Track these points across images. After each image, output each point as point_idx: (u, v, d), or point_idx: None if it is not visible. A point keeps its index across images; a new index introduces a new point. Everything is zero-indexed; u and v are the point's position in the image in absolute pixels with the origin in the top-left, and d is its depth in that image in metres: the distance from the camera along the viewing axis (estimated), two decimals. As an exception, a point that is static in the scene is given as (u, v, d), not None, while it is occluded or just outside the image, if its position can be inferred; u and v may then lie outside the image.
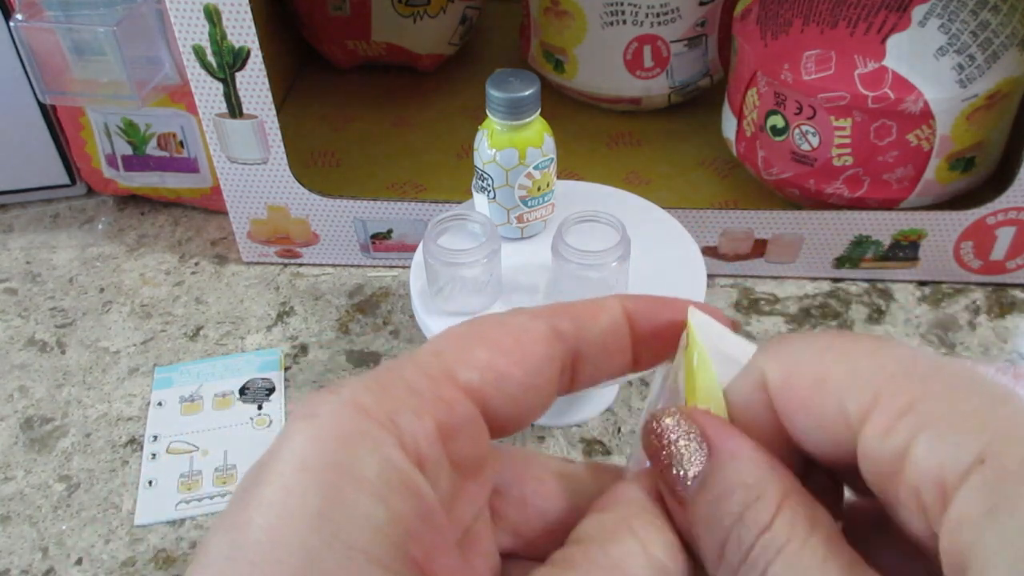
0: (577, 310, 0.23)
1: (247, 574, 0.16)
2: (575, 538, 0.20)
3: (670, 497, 0.21)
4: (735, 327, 0.23)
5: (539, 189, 0.48)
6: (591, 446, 0.50)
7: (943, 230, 0.57)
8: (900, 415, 0.18)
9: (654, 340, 0.23)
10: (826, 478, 0.22)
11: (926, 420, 0.17)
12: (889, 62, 0.51)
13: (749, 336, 0.56)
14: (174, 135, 0.63)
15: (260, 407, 0.53)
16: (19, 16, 0.55)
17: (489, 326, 0.22)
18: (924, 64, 0.51)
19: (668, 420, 0.21)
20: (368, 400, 0.19)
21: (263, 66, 0.52)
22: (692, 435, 0.21)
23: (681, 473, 0.20)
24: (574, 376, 0.23)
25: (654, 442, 0.21)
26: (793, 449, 0.21)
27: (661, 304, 0.23)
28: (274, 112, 0.54)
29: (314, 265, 0.62)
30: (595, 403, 0.52)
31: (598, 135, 0.70)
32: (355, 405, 0.18)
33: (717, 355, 0.22)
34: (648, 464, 0.22)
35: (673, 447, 0.21)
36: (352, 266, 0.62)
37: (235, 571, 0.17)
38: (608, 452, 0.49)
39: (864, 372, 0.19)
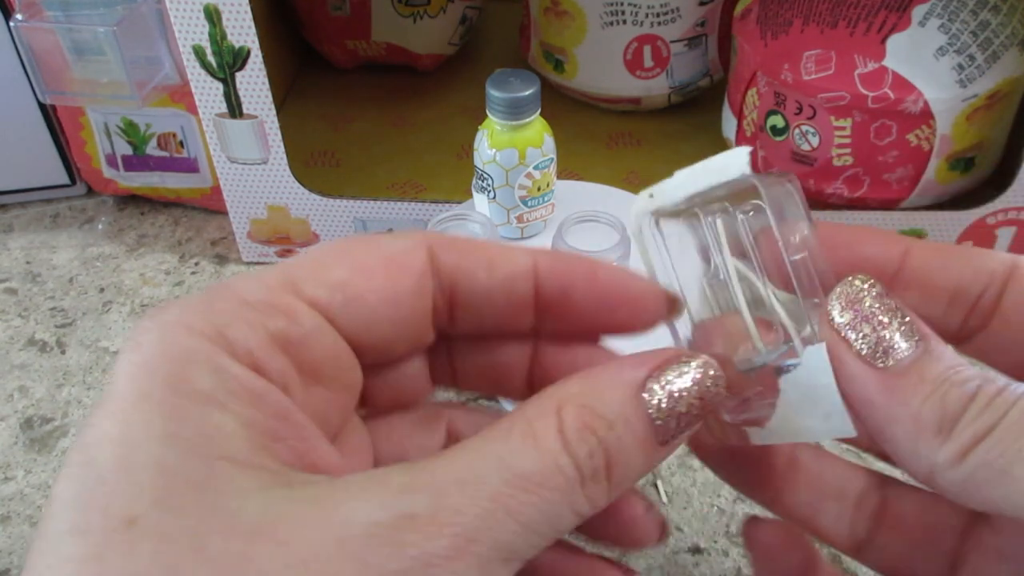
0: (472, 250, 0.21)
1: (107, 506, 0.16)
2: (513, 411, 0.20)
3: (872, 365, 0.20)
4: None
5: (539, 189, 0.48)
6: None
7: (943, 230, 0.57)
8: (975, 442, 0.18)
9: (562, 308, 0.22)
10: None
11: None
12: (889, 62, 0.51)
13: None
14: (174, 135, 0.63)
15: (260, 407, 0.53)
16: (19, 16, 0.55)
17: (358, 245, 0.21)
18: (924, 64, 0.51)
19: (875, 288, 0.21)
20: (193, 318, 0.18)
21: (263, 66, 0.52)
22: (905, 316, 0.20)
23: (901, 337, 0.20)
24: (452, 319, 0.22)
25: (863, 315, 0.20)
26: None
27: (582, 269, 0.22)
28: (274, 112, 0.54)
29: (314, 265, 0.62)
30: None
31: (598, 135, 0.70)
32: (180, 324, 0.18)
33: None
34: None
35: (894, 321, 0.20)
36: (352, 266, 0.62)
37: (95, 505, 0.16)
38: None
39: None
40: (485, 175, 0.47)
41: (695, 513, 0.46)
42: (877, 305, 0.20)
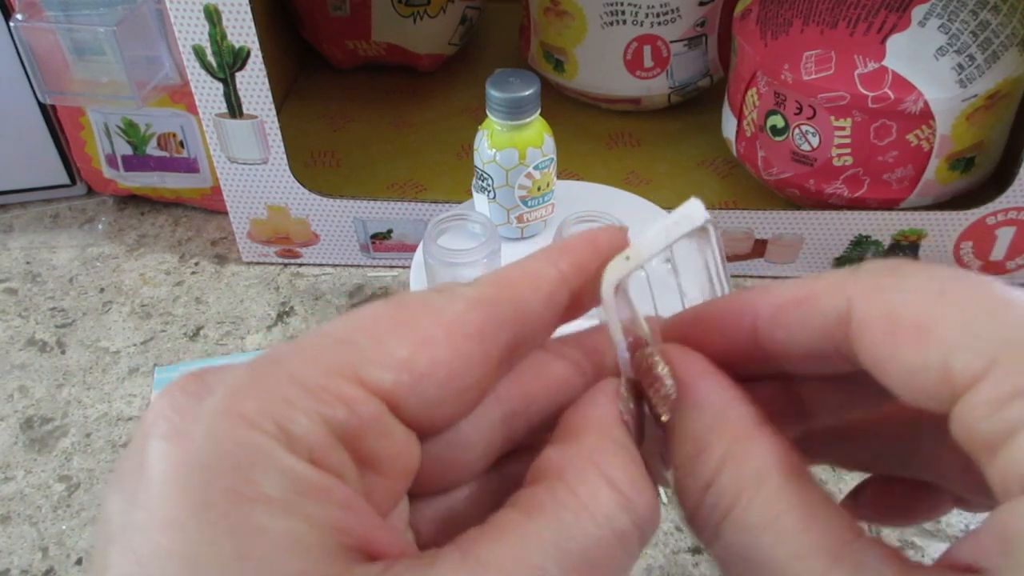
0: (514, 284, 0.21)
1: None
2: (538, 474, 0.19)
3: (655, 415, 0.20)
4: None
5: (539, 189, 0.48)
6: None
7: (943, 230, 0.57)
8: (1015, 395, 0.17)
9: (586, 294, 0.22)
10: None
11: None
12: (889, 62, 0.51)
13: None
14: (174, 135, 0.63)
15: (260, 407, 0.53)
16: (19, 16, 0.55)
17: (416, 312, 0.19)
18: (924, 64, 0.51)
19: (649, 351, 0.21)
20: (247, 405, 0.16)
21: (263, 66, 0.52)
22: (667, 371, 0.20)
23: (659, 411, 0.20)
24: (510, 365, 0.21)
25: (642, 367, 0.21)
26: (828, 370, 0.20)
27: (589, 252, 0.22)
28: (274, 112, 0.54)
29: (314, 265, 0.62)
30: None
31: (598, 135, 0.70)
32: (234, 415, 0.16)
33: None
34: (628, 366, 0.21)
35: (656, 381, 0.20)
36: (352, 266, 0.62)
37: None
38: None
39: (981, 332, 0.17)
40: (485, 175, 0.47)
41: (695, 513, 0.46)
42: (645, 362, 0.21)
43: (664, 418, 0.20)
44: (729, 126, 0.61)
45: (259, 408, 0.16)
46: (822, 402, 0.23)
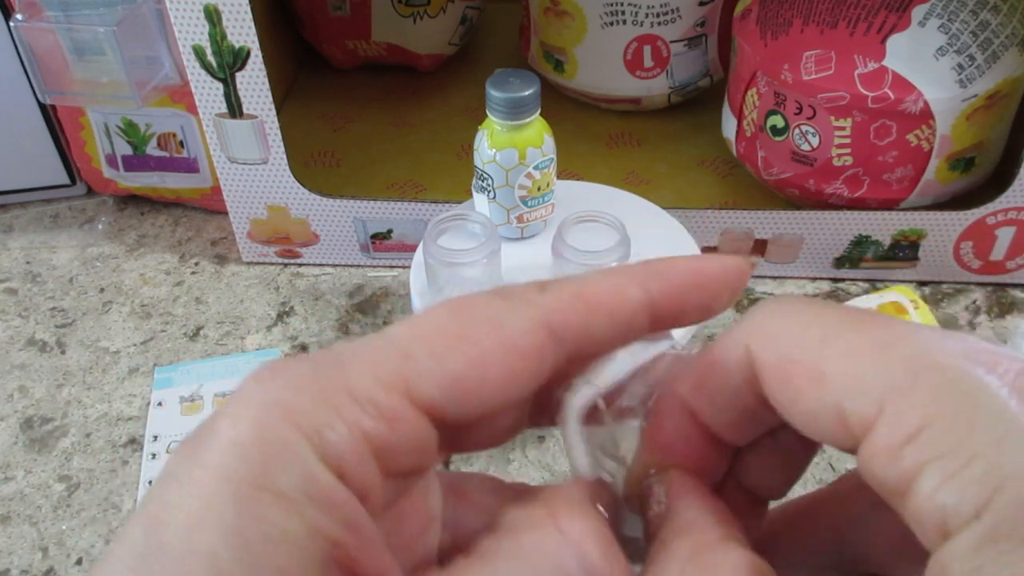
0: (591, 303, 0.20)
1: (155, 574, 0.16)
2: (493, 527, 0.19)
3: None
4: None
5: (539, 189, 0.48)
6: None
7: (943, 230, 0.57)
8: (907, 440, 0.17)
9: (668, 320, 0.21)
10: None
11: (933, 453, 0.16)
12: (889, 62, 0.51)
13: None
14: (174, 135, 0.63)
15: (260, 407, 0.53)
16: (19, 16, 0.55)
17: (478, 324, 0.19)
18: (924, 64, 0.51)
19: (648, 482, 0.21)
20: (299, 405, 0.18)
21: (263, 66, 0.52)
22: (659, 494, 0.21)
23: (651, 529, 0.21)
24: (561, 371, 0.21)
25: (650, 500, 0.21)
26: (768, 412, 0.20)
27: (689, 282, 0.21)
28: (274, 112, 0.54)
29: (314, 265, 0.62)
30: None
31: (598, 135, 0.70)
32: (283, 410, 0.18)
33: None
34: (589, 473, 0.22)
35: (652, 501, 0.21)
36: (352, 266, 0.62)
37: (145, 570, 0.17)
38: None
39: (869, 376, 0.17)
40: (485, 175, 0.47)
41: (695, 513, 0.46)
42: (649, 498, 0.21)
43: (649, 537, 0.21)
44: (729, 126, 0.61)
45: (305, 408, 0.18)
46: (769, 476, 0.23)
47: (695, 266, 0.21)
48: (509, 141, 0.46)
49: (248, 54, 0.51)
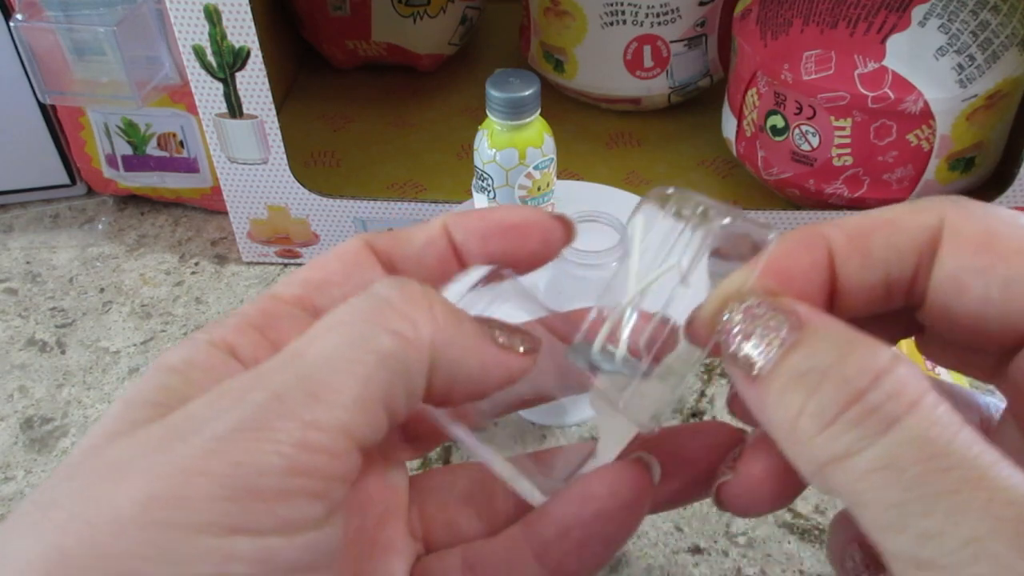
0: (395, 233, 0.25)
1: (85, 439, 0.20)
2: None
3: (742, 377, 0.19)
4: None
5: (539, 189, 0.48)
6: (591, 446, 0.50)
7: (943, 230, 0.56)
8: None
9: (479, 242, 0.24)
10: None
11: None
12: (889, 62, 0.51)
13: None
14: (174, 135, 0.63)
15: (260, 407, 0.53)
16: (19, 16, 0.55)
17: (318, 258, 0.24)
18: (924, 64, 0.51)
19: (752, 300, 0.20)
20: (216, 334, 0.22)
21: (263, 66, 0.52)
22: (778, 313, 0.19)
23: (767, 342, 0.19)
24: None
25: (732, 322, 0.20)
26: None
27: (489, 217, 0.24)
28: (274, 112, 0.54)
29: (314, 265, 0.62)
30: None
31: (598, 135, 0.70)
32: (208, 341, 0.22)
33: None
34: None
35: (760, 322, 0.19)
36: (352, 266, 0.62)
37: (76, 448, 0.20)
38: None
39: None
40: (485, 175, 0.47)
41: (695, 513, 0.46)
42: (739, 316, 0.20)
43: (780, 340, 0.19)
44: (729, 126, 0.61)
45: (220, 335, 0.22)
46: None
47: (500, 215, 0.24)
48: (509, 141, 0.46)
49: (248, 54, 0.51)
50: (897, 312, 0.21)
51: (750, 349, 0.19)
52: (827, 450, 0.17)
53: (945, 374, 0.49)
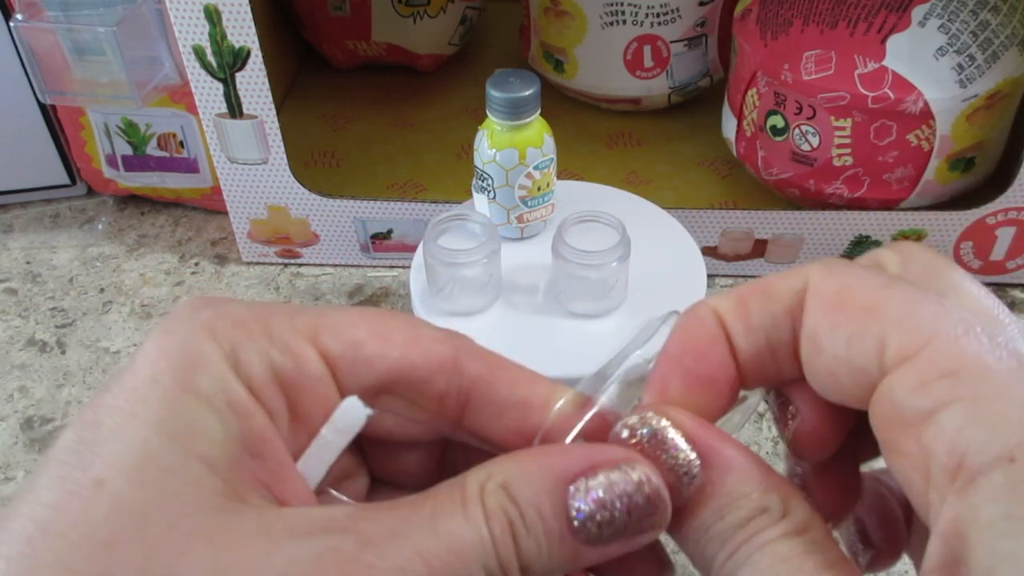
0: (497, 366, 0.23)
1: (89, 463, 0.18)
2: (435, 489, 0.20)
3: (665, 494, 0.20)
4: None
5: (539, 189, 0.48)
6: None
7: (943, 230, 0.57)
8: (942, 375, 0.17)
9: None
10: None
11: (968, 392, 0.17)
12: (889, 62, 0.51)
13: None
14: (174, 135, 0.63)
15: (260, 407, 0.53)
16: (19, 16, 0.55)
17: (397, 319, 0.22)
18: (924, 64, 0.51)
19: (651, 420, 0.20)
20: (221, 326, 0.20)
21: (263, 66, 0.52)
22: (679, 442, 0.20)
23: (680, 476, 0.20)
24: (460, 423, 0.23)
25: (638, 447, 0.20)
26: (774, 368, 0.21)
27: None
28: (274, 112, 0.54)
29: (314, 265, 0.62)
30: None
31: (598, 135, 0.70)
32: (208, 330, 0.20)
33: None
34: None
35: (664, 453, 0.20)
36: (352, 266, 0.62)
37: (80, 461, 0.18)
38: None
39: (924, 318, 0.18)
40: (485, 175, 0.47)
41: (695, 513, 0.46)
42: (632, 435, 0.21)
43: (687, 486, 0.20)
44: (729, 126, 0.61)
45: (227, 331, 0.20)
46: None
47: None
48: (509, 141, 0.46)
49: (248, 54, 0.51)
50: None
51: (674, 470, 0.20)
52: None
53: None
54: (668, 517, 0.20)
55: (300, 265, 0.62)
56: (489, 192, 0.48)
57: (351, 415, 0.22)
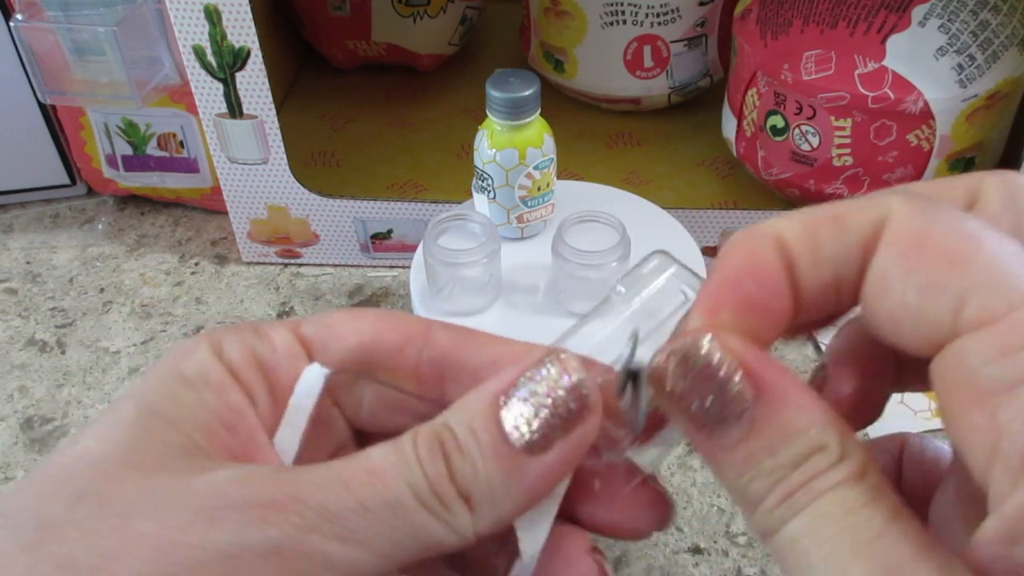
0: (469, 338, 0.24)
1: (76, 437, 0.21)
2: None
3: (701, 438, 0.19)
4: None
5: (539, 189, 0.48)
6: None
7: (943, 230, 0.57)
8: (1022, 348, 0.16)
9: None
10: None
11: None
12: (889, 62, 0.51)
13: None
14: (174, 135, 0.63)
15: (260, 407, 0.53)
16: (19, 16, 0.55)
17: (380, 311, 0.25)
18: (924, 64, 0.51)
19: (705, 345, 0.19)
20: (215, 331, 0.23)
21: (263, 66, 0.52)
22: (732, 370, 0.19)
23: (722, 413, 0.18)
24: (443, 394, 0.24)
25: (678, 373, 0.19)
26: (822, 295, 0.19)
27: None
28: (274, 112, 0.54)
29: (314, 265, 0.62)
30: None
31: (598, 135, 0.70)
32: (204, 334, 0.23)
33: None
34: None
35: (713, 382, 0.19)
36: (352, 266, 0.62)
37: (71, 439, 0.21)
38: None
39: (1015, 279, 0.16)
40: (485, 175, 0.47)
41: (695, 513, 0.46)
42: (691, 379, 0.19)
43: (738, 418, 0.19)
44: (729, 126, 0.61)
45: (219, 331, 0.23)
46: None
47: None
48: (509, 141, 0.46)
49: (248, 54, 0.51)
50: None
51: (716, 406, 0.19)
52: (762, 517, 0.19)
53: None
54: (597, 406, 0.20)
55: (300, 265, 0.62)
56: (489, 192, 0.48)
57: (312, 378, 0.23)
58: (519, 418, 0.20)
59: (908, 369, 0.22)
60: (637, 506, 0.23)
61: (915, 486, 0.23)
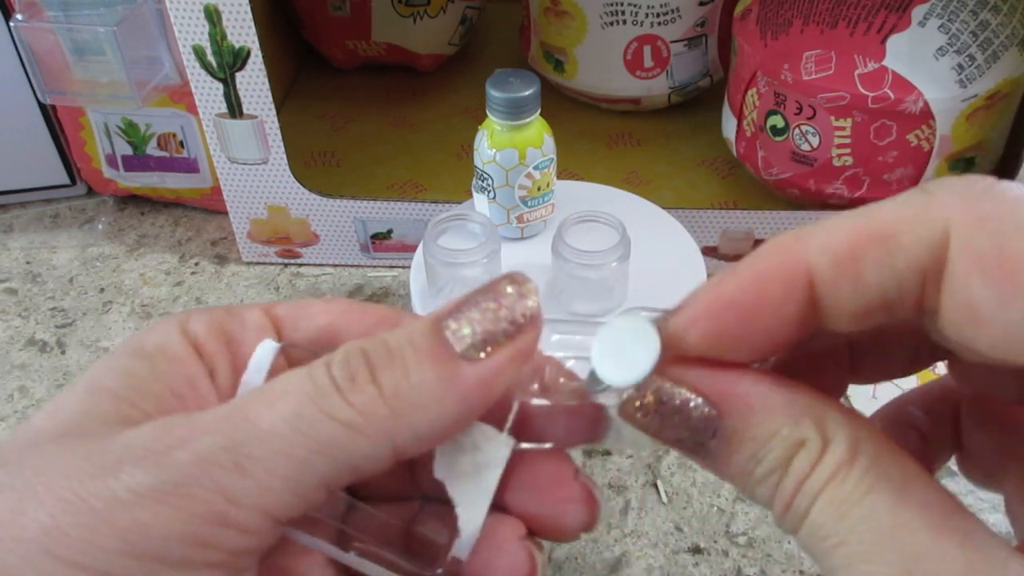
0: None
1: (41, 413, 0.21)
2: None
3: (698, 460, 0.19)
4: None
5: (539, 189, 0.48)
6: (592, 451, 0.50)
7: (943, 230, 0.56)
8: None
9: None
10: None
11: None
12: (889, 62, 0.51)
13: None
14: (174, 135, 0.63)
15: (260, 407, 0.53)
16: (19, 16, 0.55)
17: (344, 299, 0.25)
18: (924, 64, 0.51)
19: (653, 383, 0.19)
20: (188, 312, 0.24)
21: (263, 66, 0.52)
22: (686, 396, 0.19)
23: (697, 436, 0.19)
24: None
25: (643, 413, 0.19)
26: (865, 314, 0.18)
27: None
28: (274, 112, 0.54)
29: (314, 265, 0.62)
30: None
31: (598, 135, 0.70)
32: (176, 315, 0.24)
33: None
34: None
35: (676, 413, 0.19)
36: (352, 266, 0.62)
37: (31, 417, 0.21)
38: (608, 453, 0.50)
39: None
40: (485, 175, 0.47)
41: (695, 513, 0.46)
42: (666, 409, 0.19)
43: (712, 442, 0.19)
44: (729, 126, 0.61)
45: (190, 312, 0.24)
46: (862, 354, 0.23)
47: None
48: (509, 141, 0.46)
49: (248, 54, 0.51)
50: (913, 334, 0.21)
51: (690, 438, 0.19)
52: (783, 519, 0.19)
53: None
54: (535, 306, 0.20)
55: (300, 265, 0.62)
56: (489, 192, 0.48)
57: (264, 352, 0.23)
58: (462, 320, 0.20)
59: (863, 362, 0.23)
60: (568, 500, 0.23)
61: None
